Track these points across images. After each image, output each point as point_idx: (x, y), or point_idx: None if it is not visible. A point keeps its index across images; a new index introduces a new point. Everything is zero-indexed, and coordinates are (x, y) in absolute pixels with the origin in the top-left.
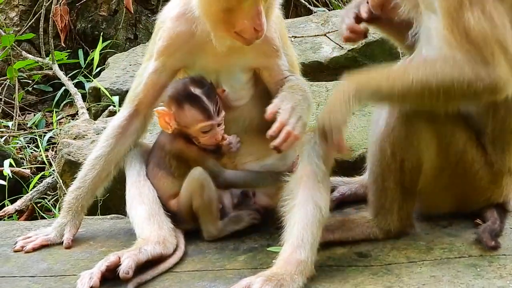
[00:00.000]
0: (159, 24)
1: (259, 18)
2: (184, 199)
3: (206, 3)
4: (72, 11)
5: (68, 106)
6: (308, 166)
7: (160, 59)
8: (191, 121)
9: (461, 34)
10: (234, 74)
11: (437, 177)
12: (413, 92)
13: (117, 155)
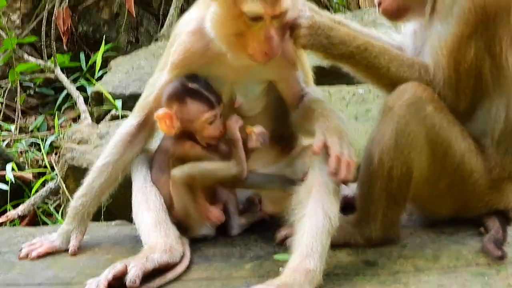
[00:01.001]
0: (175, 36)
1: (269, 42)
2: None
3: (218, 28)
4: (74, 14)
5: (70, 109)
6: (319, 176)
7: (175, 71)
8: (196, 113)
9: (455, 59)
10: (250, 86)
11: (433, 185)
12: (373, 66)
13: (125, 163)
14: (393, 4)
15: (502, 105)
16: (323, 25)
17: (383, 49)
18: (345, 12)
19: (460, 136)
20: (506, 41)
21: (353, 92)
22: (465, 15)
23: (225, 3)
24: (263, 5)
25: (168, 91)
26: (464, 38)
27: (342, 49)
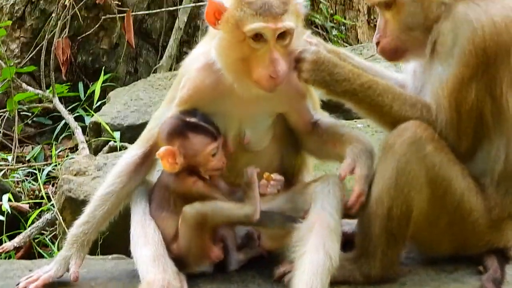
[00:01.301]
0: (183, 72)
1: (274, 65)
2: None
3: (223, 55)
4: (73, 44)
5: (67, 139)
6: (321, 214)
7: (183, 106)
8: (200, 147)
9: (456, 100)
10: (258, 120)
11: (433, 224)
12: (376, 104)
13: (127, 192)
14: (391, 44)
15: (502, 146)
16: (327, 61)
17: (387, 87)
18: (344, 46)
19: (460, 175)
20: (506, 82)
21: (352, 127)
22: (466, 57)
23: (228, 28)
24: (264, 20)
25: (167, 128)
26: (465, 80)
27: (345, 86)
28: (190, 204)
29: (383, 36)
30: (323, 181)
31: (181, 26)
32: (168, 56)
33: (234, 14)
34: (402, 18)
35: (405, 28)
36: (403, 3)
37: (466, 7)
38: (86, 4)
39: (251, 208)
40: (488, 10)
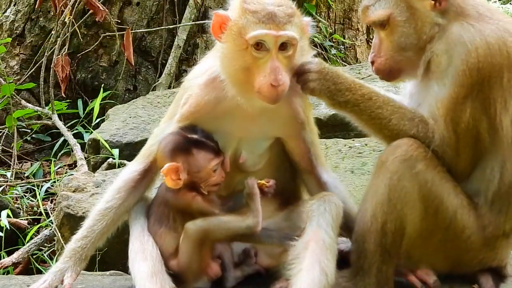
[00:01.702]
0: (185, 88)
1: (275, 73)
2: (185, 258)
3: (226, 65)
4: (72, 61)
5: (66, 156)
6: (317, 231)
7: (184, 122)
8: (203, 163)
9: (452, 120)
10: (256, 141)
11: (426, 241)
12: (376, 120)
13: (127, 208)
14: (385, 64)
15: (497, 166)
16: (331, 71)
17: (387, 100)
18: (343, 65)
19: (452, 193)
20: (500, 103)
21: (350, 145)
22: (460, 77)
23: (232, 36)
24: (266, 28)
25: (170, 144)
26: (459, 99)
27: (347, 96)
28: (192, 221)
29: (377, 55)
30: (319, 199)
31: (180, 44)
32: (167, 73)
33: (238, 23)
34: (396, 38)
35: (399, 48)
36: (397, 24)
37: (460, 28)
38: (85, 22)
39: (253, 220)
40: (482, 31)
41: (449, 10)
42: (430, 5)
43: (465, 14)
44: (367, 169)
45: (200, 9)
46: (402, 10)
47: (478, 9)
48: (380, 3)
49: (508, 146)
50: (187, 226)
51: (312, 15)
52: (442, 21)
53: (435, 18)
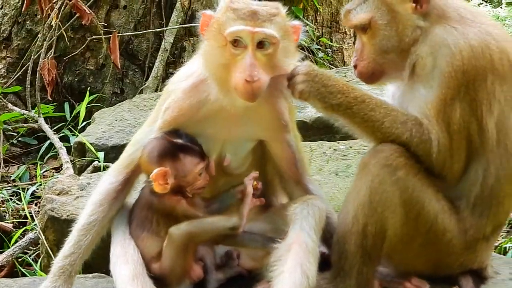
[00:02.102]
0: (168, 92)
1: (250, 69)
2: (169, 262)
3: (207, 61)
4: (59, 64)
5: (53, 159)
6: (300, 234)
7: (166, 128)
8: (190, 167)
9: (444, 120)
10: (240, 144)
11: (408, 244)
12: (368, 123)
13: (110, 219)
14: (368, 67)
15: (480, 169)
16: (320, 74)
17: (380, 103)
18: (330, 68)
19: (433, 198)
20: (485, 105)
21: (334, 148)
22: (446, 79)
23: (212, 33)
24: (244, 24)
25: (157, 150)
26: (448, 101)
27: (340, 98)
28: (176, 226)
29: (360, 59)
30: (302, 202)
31: (167, 48)
32: (154, 77)
33: (219, 20)
34: (377, 42)
35: (381, 51)
36: (378, 27)
37: (443, 31)
38: (72, 25)
39: (236, 220)
40: (465, 34)
41: (431, 13)
42: (411, 8)
43: (447, 17)
44: (352, 172)
45: (187, 13)
46: (383, 13)
47: (460, 11)
48: (362, 7)
49: (493, 149)
50: (171, 231)
51: (299, 19)
52: (424, 24)
53: (417, 21)
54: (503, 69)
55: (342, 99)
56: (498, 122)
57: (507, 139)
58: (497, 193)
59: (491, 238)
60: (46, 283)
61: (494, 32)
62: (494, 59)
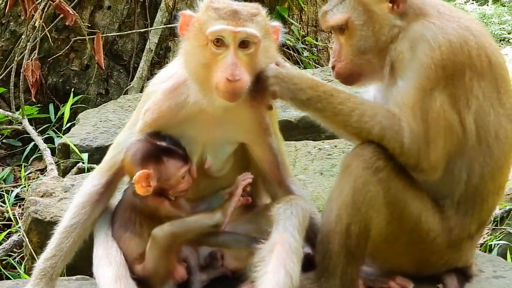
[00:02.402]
0: (148, 93)
1: (231, 68)
2: (152, 263)
3: (188, 61)
4: (43, 66)
5: (38, 161)
6: (283, 235)
7: (146, 131)
8: (173, 170)
9: (421, 110)
10: (221, 146)
11: (392, 243)
12: (338, 116)
13: (92, 222)
14: (345, 68)
15: (464, 167)
16: (287, 73)
17: (348, 96)
18: (316, 67)
19: (416, 198)
20: (463, 101)
21: (319, 147)
22: (426, 70)
23: (193, 33)
24: (226, 23)
25: (140, 152)
26: (426, 90)
27: (309, 93)
28: (159, 227)
29: (337, 60)
30: (285, 203)
31: (152, 48)
32: (139, 77)
33: (200, 19)
34: (355, 42)
35: (358, 51)
36: (355, 27)
37: (422, 27)
38: (56, 26)
39: (219, 217)
40: (443, 29)
41: (408, 12)
42: (388, 7)
43: (425, 14)
44: (336, 171)
45: (171, 13)
46: (360, 13)
47: (438, 8)
48: (338, 7)
49: (474, 145)
50: (154, 232)
51: (284, 18)
52: (401, 23)
53: (394, 21)
54: (481, 65)
55: (311, 94)
56: (477, 119)
57: (488, 136)
58: (481, 191)
59: (476, 236)
60: (28, 286)
61: (473, 27)
62: (472, 55)
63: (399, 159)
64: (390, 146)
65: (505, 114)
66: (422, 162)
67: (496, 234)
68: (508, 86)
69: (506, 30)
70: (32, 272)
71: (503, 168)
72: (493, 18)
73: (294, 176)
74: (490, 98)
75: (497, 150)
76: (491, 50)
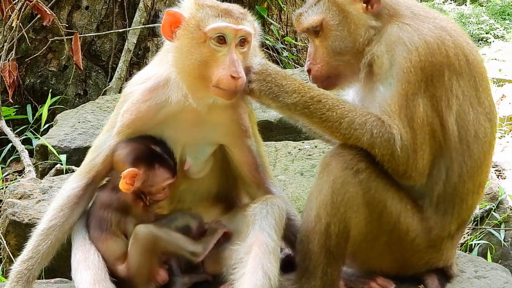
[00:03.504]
0: (127, 94)
1: (235, 65)
2: (135, 261)
3: (182, 61)
4: (21, 66)
5: (15, 162)
6: (260, 235)
7: (125, 133)
8: (160, 179)
9: (407, 116)
10: (201, 147)
11: (372, 244)
12: (327, 122)
13: (71, 225)
14: (322, 71)
15: (443, 167)
16: (274, 73)
17: (337, 102)
18: (295, 67)
19: (396, 198)
20: (444, 101)
21: (299, 148)
22: (406, 75)
23: (188, 31)
24: (226, 20)
25: (134, 152)
26: (409, 96)
27: (295, 98)
28: (144, 224)
29: (313, 63)
30: (262, 202)
31: (131, 48)
32: (117, 78)
33: (195, 16)
34: (330, 43)
35: (334, 53)
36: (330, 28)
37: (397, 29)
38: (34, 26)
39: (200, 249)
40: (419, 30)
41: (382, 13)
42: (362, 8)
43: (400, 15)
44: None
45: (150, 13)
46: (334, 14)
47: (412, 9)
48: (313, 9)
49: (455, 145)
50: (137, 228)
51: (263, 18)
52: (376, 24)
53: (369, 21)
54: (459, 64)
55: (298, 99)
56: (458, 118)
57: (468, 135)
58: (460, 191)
59: (456, 236)
60: None
61: (448, 26)
62: (450, 55)
63: (387, 165)
64: (379, 153)
65: (483, 113)
66: (411, 169)
67: (477, 234)
68: (486, 84)
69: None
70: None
71: (483, 167)
72: (471, 18)
73: (274, 178)
74: (469, 97)
75: (477, 149)
76: (468, 49)
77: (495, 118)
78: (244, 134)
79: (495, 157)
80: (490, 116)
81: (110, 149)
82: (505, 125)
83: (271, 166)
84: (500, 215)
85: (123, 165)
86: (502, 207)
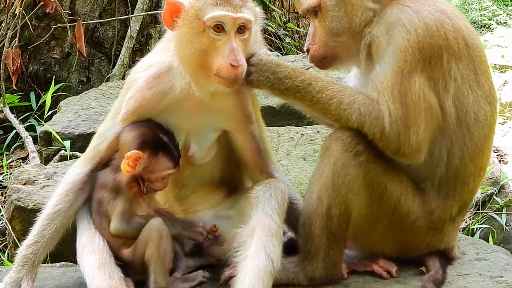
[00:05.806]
0: (131, 81)
1: (234, 54)
2: (141, 250)
3: (182, 49)
4: (24, 53)
5: (20, 149)
6: (262, 218)
7: (130, 119)
8: (162, 168)
9: (400, 93)
10: (204, 134)
11: (373, 225)
12: (317, 103)
13: (75, 210)
14: (319, 51)
15: (444, 149)
16: (269, 62)
17: (326, 84)
18: (297, 54)
19: (396, 181)
20: (441, 84)
21: (302, 133)
22: (402, 53)
23: (188, 20)
24: (225, 9)
25: (141, 137)
26: (405, 73)
27: (288, 83)
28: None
29: (312, 43)
30: (265, 185)
31: (133, 35)
32: (120, 64)
33: (194, 5)
34: (327, 24)
35: (331, 33)
36: (327, 8)
37: (397, 11)
38: (37, 14)
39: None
40: (419, 12)
41: None
42: None
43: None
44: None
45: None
46: None
47: None
48: None
49: (454, 128)
50: (152, 222)
51: (266, 4)
52: (375, 5)
53: (366, 2)
54: (458, 47)
55: (290, 84)
56: (457, 101)
57: (468, 118)
58: (461, 173)
59: (457, 219)
60: (11, 274)
61: (448, 10)
62: (449, 38)
63: (379, 143)
64: (370, 132)
65: (483, 96)
66: (404, 146)
67: (478, 218)
68: (485, 67)
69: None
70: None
71: (484, 150)
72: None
73: (276, 163)
74: (468, 80)
75: (477, 132)
76: (467, 33)
77: (495, 101)
78: (247, 120)
79: (497, 142)
80: (490, 100)
81: (115, 135)
82: (507, 111)
83: (274, 151)
84: (501, 200)
85: (129, 147)
86: (503, 191)
